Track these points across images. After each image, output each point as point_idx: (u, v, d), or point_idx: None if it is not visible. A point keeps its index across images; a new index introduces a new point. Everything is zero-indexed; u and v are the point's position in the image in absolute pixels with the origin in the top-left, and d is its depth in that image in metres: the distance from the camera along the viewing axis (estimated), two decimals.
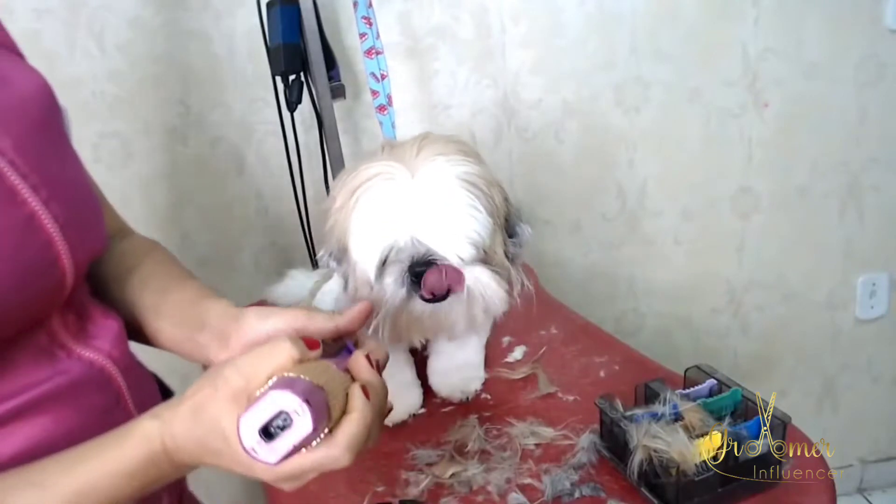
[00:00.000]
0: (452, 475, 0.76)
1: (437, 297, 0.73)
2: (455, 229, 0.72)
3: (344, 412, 0.50)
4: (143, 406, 0.60)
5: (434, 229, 0.71)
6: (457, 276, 0.72)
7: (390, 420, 0.88)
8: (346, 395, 0.51)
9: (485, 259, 0.75)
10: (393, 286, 0.72)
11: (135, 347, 0.66)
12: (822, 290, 1.76)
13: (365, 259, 0.73)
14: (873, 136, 1.64)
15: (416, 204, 0.71)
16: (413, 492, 0.75)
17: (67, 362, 0.57)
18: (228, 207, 1.48)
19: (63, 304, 0.58)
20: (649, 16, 1.48)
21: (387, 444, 0.85)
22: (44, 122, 0.58)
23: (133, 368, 0.63)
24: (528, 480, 0.75)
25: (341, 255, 0.78)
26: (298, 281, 1.29)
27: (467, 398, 0.93)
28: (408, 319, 0.75)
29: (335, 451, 0.49)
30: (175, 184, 1.45)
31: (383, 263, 0.73)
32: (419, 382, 0.94)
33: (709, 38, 1.52)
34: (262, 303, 1.30)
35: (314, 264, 1.46)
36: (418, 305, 0.74)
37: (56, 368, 0.56)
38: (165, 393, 0.73)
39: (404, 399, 0.91)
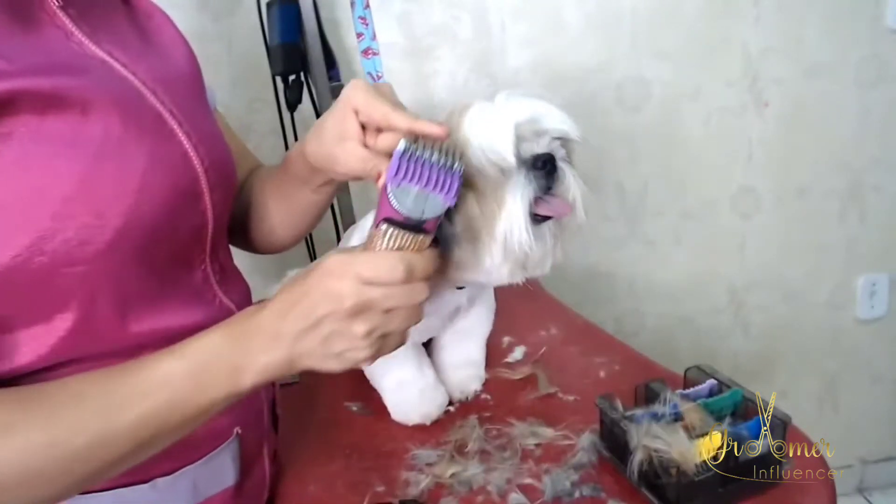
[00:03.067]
0: (452, 475, 0.76)
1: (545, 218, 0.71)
2: (560, 113, 0.71)
3: None
4: None
5: (543, 116, 0.70)
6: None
7: (428, 418, 0.88)
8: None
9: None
10: (521, 191, 0.68)
11: None
12: (823, 290, 1.76)
13: (496, 154, 0.68)
14: (874, 136, 1.64)
15: (519, 105, 0.70)
16: (413, 492, 0.75)
17: (212, 306, 0.68)
18: None
19: (210, 253, 0.68)
20: (649, 15, 1.48)
21: (387, 444, 0.85)
22: (193, 85, 0.73)
23: None
24: (528, 480, 0.75)
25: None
26: None
27: (467, 398, 0.93)
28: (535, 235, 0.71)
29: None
30: None
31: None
32: (440, 380, 0.93)
33: (709, 38, 1.52)
34: (261, 302, 1.30)
35: None
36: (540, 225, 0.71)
37: (206, 309, 0.67)
38: None
39: (433, 398, 0.90)
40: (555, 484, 0.73)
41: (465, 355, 0.96)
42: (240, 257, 0.81)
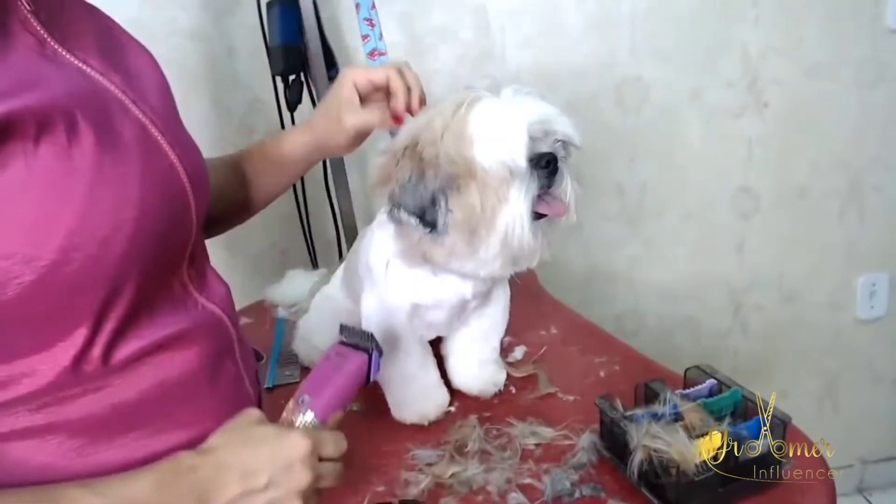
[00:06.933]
0: (452, 475, 0.76)
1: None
2: (566, 117, 0.72)
3: None
4: (246, 358, 0.74)
5: (553, 119, 0.71)
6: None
7: (425, 419, 0.88)
8: None
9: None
10: (526, 188, 0.69)
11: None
12: (822, 290, 1.76)
13: (506, 153, 0.68)
14: (874, 136, 1.64)
15: (525, 105, 0.71)
16: (413, 492, 0.75)
17: (195, 311, 0.66)
18: None
19: (189, 259, 0.67)
20: (649, 16, 1.48)
21: (387, 444, 0.85)
22: (167, 96, 0.70)
23: (238, 326, 0.74)
24: (528, 480, 0.75)
25: (449, 183, 0.71)
26: (298, 281, 1.29)
27: (499, 390, 0.93)
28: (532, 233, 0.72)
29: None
30: None
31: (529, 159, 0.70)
32: (443, 382, 0.93)
33: (709, 38, 1.52)
34: (260, 303, 1.30)
35: (314, 264, 1.46)
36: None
37: (188, 315, 0.65)
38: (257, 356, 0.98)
39: (434, 398, 0.90)
40: (555, 484, 0.73)
41: (486, 354, 0.96)
42: (240, 260, 0.81)
